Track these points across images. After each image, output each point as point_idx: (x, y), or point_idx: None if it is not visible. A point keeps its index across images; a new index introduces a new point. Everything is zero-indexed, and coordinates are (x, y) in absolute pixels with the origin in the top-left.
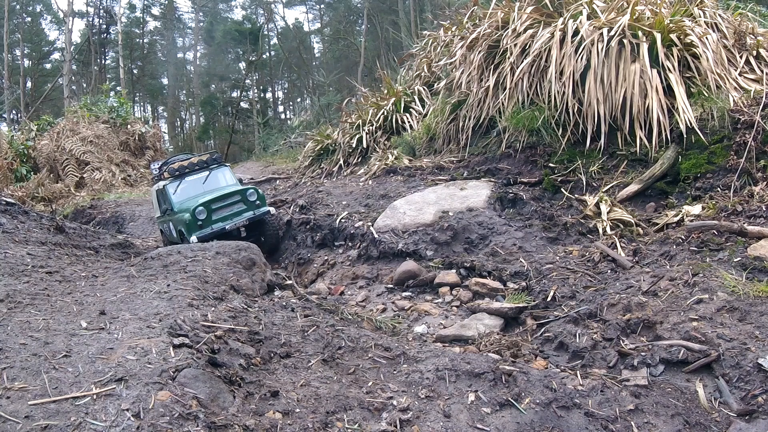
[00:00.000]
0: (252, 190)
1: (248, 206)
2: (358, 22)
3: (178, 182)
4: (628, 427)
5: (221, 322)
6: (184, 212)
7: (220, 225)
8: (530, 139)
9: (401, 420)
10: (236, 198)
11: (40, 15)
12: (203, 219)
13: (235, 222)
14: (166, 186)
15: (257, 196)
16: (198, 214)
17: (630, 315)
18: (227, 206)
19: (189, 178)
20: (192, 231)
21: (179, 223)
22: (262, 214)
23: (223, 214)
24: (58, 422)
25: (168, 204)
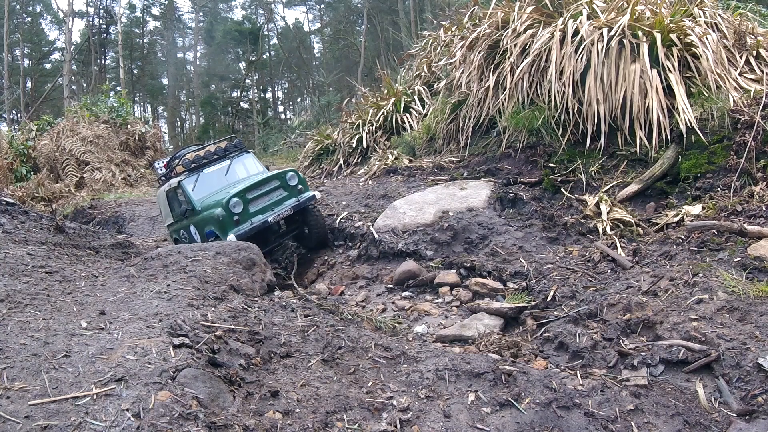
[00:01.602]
0: (292, 173)
1: (290, 192)
2: (358, 22)
3: (195, 176)
4: (628, 427)
5: (221, 322)
6: (212, 208)
7: (261, 218)
8: (530, 139)
9: (401, 420)
10: (275, 184)
11: (40, 15)
12: (240, 213)
13: (278, 212)
14: (182, 182)
15: (298, 180)
16: (233, 208)
17: (630, 315)
18: (265, 195)
19: (207, 170)
20: (228, 229)
21: (207, 223)
22: (307, 200)
23: (261, 205)
24: (58, 422)
25: (187, 203)
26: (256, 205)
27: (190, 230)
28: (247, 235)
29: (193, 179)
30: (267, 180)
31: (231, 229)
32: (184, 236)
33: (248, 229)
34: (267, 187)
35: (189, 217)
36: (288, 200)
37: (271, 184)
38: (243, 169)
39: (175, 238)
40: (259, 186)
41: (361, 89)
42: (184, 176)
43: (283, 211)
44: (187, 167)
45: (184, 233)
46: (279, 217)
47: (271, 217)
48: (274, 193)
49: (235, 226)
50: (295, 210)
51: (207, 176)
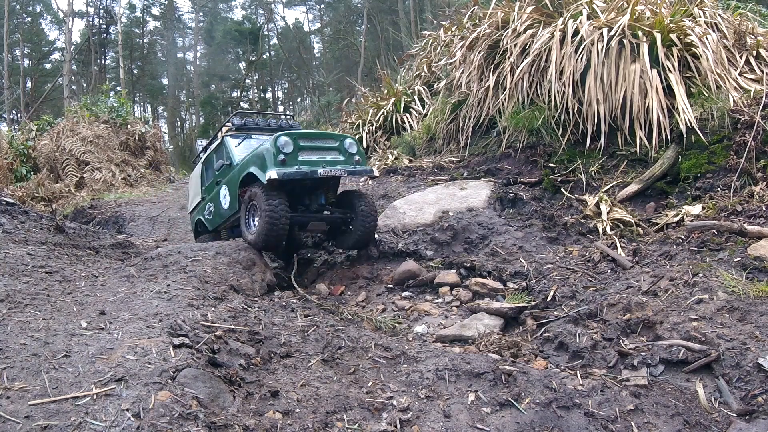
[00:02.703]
0: (351, 141)
1: (345, 159)
2: (358, 22)
3: (242, 138)
4: (628, 427)
5: (221, 322)
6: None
7: (310, 168)
8: (530, 139)
9: (401, 420)
10: (332, 143)
11: (40, 15)
12: (288, 154)
13: (330, 169)
14: (226, 138)
15: (357, 149)
16: (282, 146)
17: (630, 315)
18: (319, 150)
19: (256, 136)
20: (270, 165)
21: (244, 169)
22: (364, 171)
23: (313, 157)
24: (58, 422)
25: (226, 158)
26: (308, 155)
27: (219, 196)
28: (290, 177)
29: (239, 139)
30: (323, 135)
31: (274, 167)
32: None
33: (294, 171)
34: (322, 142)
35: (222, 177)
36: (343, 165)
37: (327, 141)
38: None
39: (198, 220)
40: (314, 137)
41: (361, 89)
42: (230, 133)
43: (336, 171)
44: (236, 124)
45: (210, 206)
46: (330, 173)
47: (321, 170)
48: (328, 153)
49: (279, 164)
50: (349, 174)
51: (253, 142)
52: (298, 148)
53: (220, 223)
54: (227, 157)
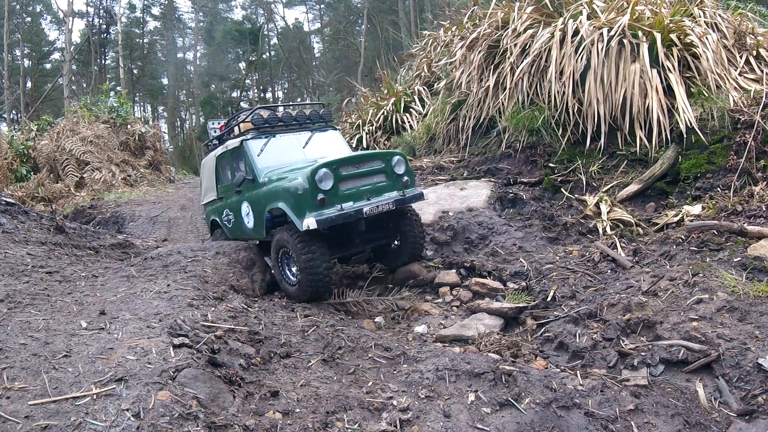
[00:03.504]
0: (399, 158)
1: (393, 182)
2: (358, 22)
3: (265, 140)
4: (628, 427)
5: (221, 322)
6: (283, 180)
7: (353, 205)
8: (530, 139)
9: (401, 420)
10: (377, 165)
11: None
12: (328, 191)
13: (378, 204)
14: (246, 142)
15: (406, 168)
16: (321, 181)
17: (630, 315)
18: (363, 176)
19: (282, 136)
20: (307, 208)
21: (274, 199)
22: (413, 197)
23: (356, 188)
24: (58, 422)
25: (247, 171)
26: (350, 186)
27: (240, 209)
28: (331, 223)
29: (260, 142)
30: (368, 157)
31: (311, 211)
32: (227, 218)
33: (335, 215)
34: (366, 166)
35: (244, 191)
36: (390, 191)
37: (373, 163)
38: (325, 146)
39: (214, 219)
40: (357, 162)
41: (361, 89)
42: (250, 135)
43: (383, 204)
44: (257, 125)
45: (228, 214)
46: (377, 209)
47: (368, 206)
48: (373, 177)
49: (318, 207)
50: (397, 206)
51: (279, 143)
52: (339, 179)
53: (242, 238)
54: (249, 169)
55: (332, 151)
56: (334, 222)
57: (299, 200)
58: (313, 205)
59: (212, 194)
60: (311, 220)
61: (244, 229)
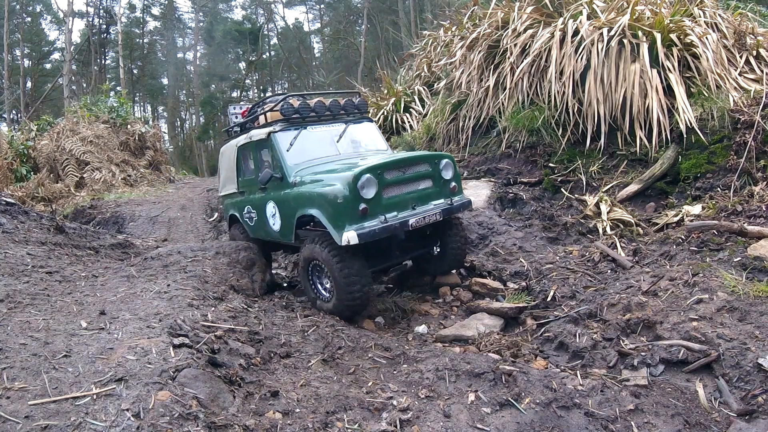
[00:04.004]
0: (448, 161)
1: (440, 188)
2: (358, 22)
3: (296, 132)
4: (628, 427)
5: (221, 322)
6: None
7: (398, 215)
8: (530, 139)
9: (401, 420)
10: (424, 169)
11: (40, 15)
12: (370, 199)
13: (424, 214)
14: (275, 135)
15: (454, 173)
16: (363, 188)
17: (630, 315)
18: (409, 181)
19: (314, 128)
20: (347, 219)
21: (306, 204)
22: (461, 206)
23: (400, 195)
24: (58, 422)
25: (274, 167)
26: (394, 193)
27: (265, 209)
28: (374, 237)
29: (290, 135)
30: (414, 160)
31: (351, 222)
32: (249, 215)
33: (379, 228)
34: (412, 170)
35: (270, 190)
36: (436, 199)
37: (419, 167)
38: (361, 140)
39: (233, 214)
40: (403, 166)
41: (361, 89)
42: (279, 126)
43: (430, 214)
44: (287, 115)
45: (251, 211)
46: (424, 221)
47: (414, 218)
48: (419, 183)
49: (360, 219)
50: (444, 216)
51: (310, 137)
52: (382, 186)
53: (265, 239)
54: (276, 166)
55: (368, 146)
56: (378, 236)
57: (338, 210)
58: (353, 215)
59: (232, 186)
60: (352, 234)
61: (269, 230)
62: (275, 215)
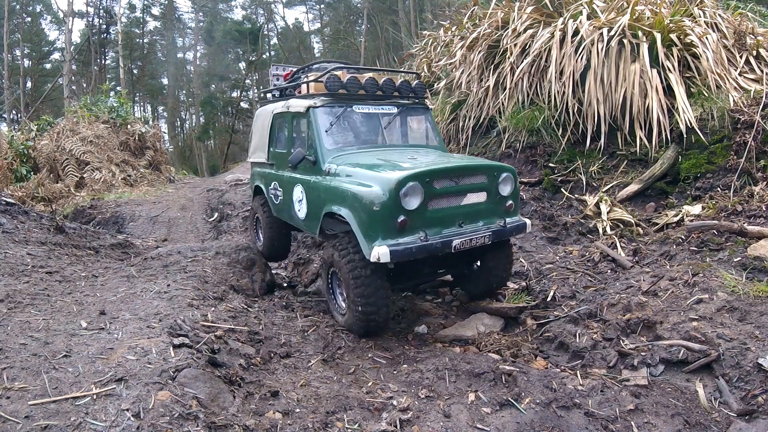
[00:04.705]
0: (508, 174)
1: (494, 205)
2: (358, 22)
3: (340, 109)
4: (628, 427)
5: (221, 322)
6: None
7: (441, 233)
8: (530, 139)
9: (401, 420)
10: (479, 181)
11: (40, 15)
12: (413, 211)
13: (472, 236)
14: (315, 110)
15: (513, 188)
16: (406, 196)
17: (630, 315)
18: (459, 193)
19: (360, 108)
20: (380, 231)
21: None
22: (515, 229)
23: (448, 207)
24: (58, 422)
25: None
26: (439, 206)
27: (292, 191)
28: (409, 257)
29: (333, 112)
30: (471, 170)
31: (386, 236)
32: (275, 193)
33: (416, 247)
34: (467, 180)
35: (301, 171)
36: (488, 218)
37: (475, 178)
38: (411, 132)
39: (258, 186)
40: (456, 175)
41: None
42: (320, 102)
43: (478, 236)
44: (332, 89)
45: (277, 189)
46: (469, 243)
47: (459, 240)
48: (471, 196)
49: (395, 232)
50: (494, 240)
51: (354, 118)
52: (429, 195)
53: (289, 223)
54: (311, 146)
55: (420, 139)
56: (413, 257)
57: (372, 218)
58: (389, 228)
59: (262, 155)
60: (384, 251)
61: (293, 215)
62: (302, 201)
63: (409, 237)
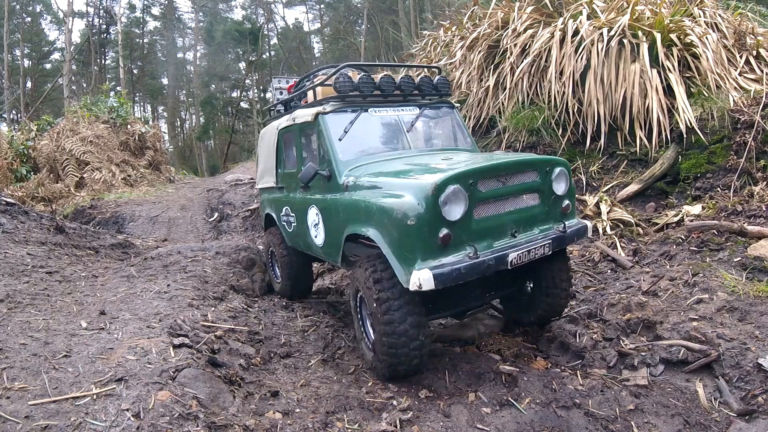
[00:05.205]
0: (562, 169)
1: (548, 208)
2: (358, 22)
3: (353, 115)
4: (628, 427)
5: (221, 322)
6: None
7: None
8: (530, 138)
9: (401, 420)
10: (530, 179)
11: (40, 15)
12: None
13: (529, 246)
14: (323, 117)
15: (568, 186)
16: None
17: (630, 315)
18: (508, 195)
19: (377, 112)
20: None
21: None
22: (576, 233)
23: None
24: (58, 422)
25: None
26: (487, 213)
27: (306, 214)
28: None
29: (345, 118)
30: (518, 166)
31: (426, 255)
32: (287, 219)
33: (465, 267)
34: (516, 180)
35: (314, 190)
36: (544, 223)
37: (525, 176)
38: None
39: (269, 214)
40: (503, 174)
41: None
42: (330, 107)
43: (536, 247)
44: (343, 91)
45: (289, 215)
46: (528, 256)
47: (515, 253)
48: (522, 199)
49: (437, 250)
50: (555, 249)
51: (371, 123)
52: (474, 201)
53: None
54: (324, 159)
55: (447, 141)
56: (463, 279)
57: (407, 235)
58: (430, 245)
59: (270, 179)
60: (425, 276)
61: (309, 242)
62: (318, 225)
63: (454, 255)
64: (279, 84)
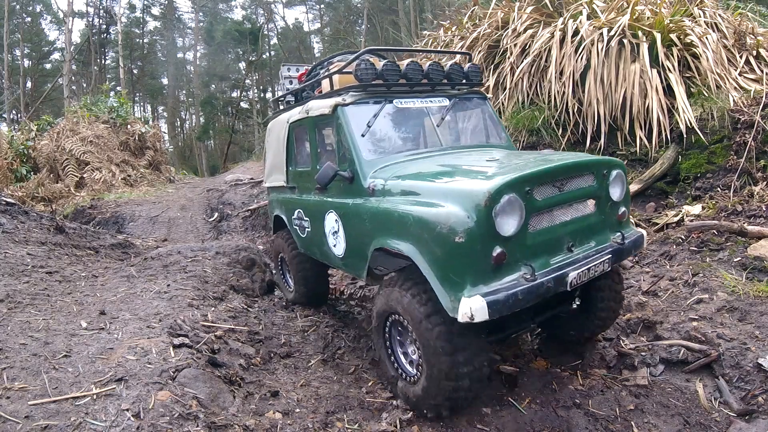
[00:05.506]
0: (619, 172)
1: (605, 216)
2: (358, 22)
3: (377, 106)
4: (628, 427)
5: (221, 322)
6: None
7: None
8: (530, 138)
9: (401, 420)
10: (587, 183)
11: (40, 15)
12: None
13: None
14: (343, 109)
15: (624, 190)
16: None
17: (630, 315)
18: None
19: (403, 103)
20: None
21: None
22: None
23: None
24: (58, 422)
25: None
26: (542, 224)
27: (323, 220)
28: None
29: (368, 110)
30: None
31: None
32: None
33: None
34: (573, 184)
35: (333, 192)
36: (600, 233)
37: (582, 179)
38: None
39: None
40: (560, 177)
41: None
42: (351, 98)
43: (596, 263)
44: (365, 80)
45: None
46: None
47: (575, 272)
48: (578, 206)
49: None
50: (615, 263)
51: (399, 115)
52: (530, 211)
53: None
54: (344, 158)
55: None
56: (520, 306)
57: (453, 254)
58: (481, 267)
59: (279, 176)
60: (477, 305)
61: (326, 251)
62: (338, 234)
63: (508, 276)
64: (288, 72)
